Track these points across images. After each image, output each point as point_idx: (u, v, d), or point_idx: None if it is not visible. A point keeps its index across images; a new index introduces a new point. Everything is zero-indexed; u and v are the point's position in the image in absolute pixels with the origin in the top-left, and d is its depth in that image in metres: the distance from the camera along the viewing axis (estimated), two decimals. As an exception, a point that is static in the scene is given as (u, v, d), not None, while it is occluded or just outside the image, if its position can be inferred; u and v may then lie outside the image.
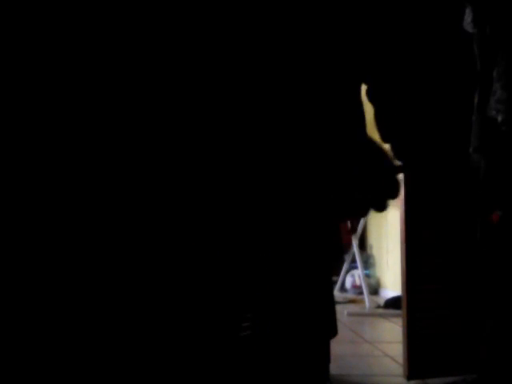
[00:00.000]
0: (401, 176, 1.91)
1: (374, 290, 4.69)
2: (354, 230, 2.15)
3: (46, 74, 0.81)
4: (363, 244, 5.24)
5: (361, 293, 4.20)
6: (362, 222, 4.18)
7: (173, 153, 0.82)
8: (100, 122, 0.83)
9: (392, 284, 4.35)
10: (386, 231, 4.48)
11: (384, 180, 0.85)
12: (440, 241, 1.88)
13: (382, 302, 3.94)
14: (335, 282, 4.36)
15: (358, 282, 4.50)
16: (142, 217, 0.79)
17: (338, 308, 2.34)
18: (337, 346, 2.20)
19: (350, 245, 4.19)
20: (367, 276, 4.56)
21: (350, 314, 3.44)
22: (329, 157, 0.85)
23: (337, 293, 4.32)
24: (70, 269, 0.86)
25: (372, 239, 5.20)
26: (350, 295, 4.47)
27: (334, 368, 1.87)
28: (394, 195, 0.84)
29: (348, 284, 4.61)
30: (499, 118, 1.66)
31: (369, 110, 0.94)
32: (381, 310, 3.67)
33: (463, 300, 1.87)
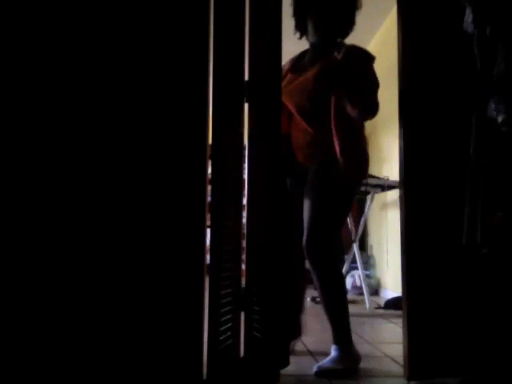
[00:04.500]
0: (400, 177, 1.91)
1: (375, 290, 4.69)
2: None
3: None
4: (363, 245, 5.24)
5: (361, 293, 4.20)
6: (361, 222, 4.18)
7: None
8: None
9: (392, 284, 4.35)
10: (386, 232, 4.48)
11: None
12: (440, 241, 1.87)
13: (382, 302, 3.94)
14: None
15: (358, 283, 4.50)
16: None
17: (339, 308, 2.33)
18: (337, 347, 2.19)
19: (350, 245, 4.19)
20: (367, 277, 4.56)
21: (351, 315, 3.43)
22: None
23: (337, 293, 4.31)
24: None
25: (372, 240, 5.20)
26: (351, 296, 4.47)
27: (335, 368, 1.87)
28: None
29: (348, 285, 4.61)
30: (499, 119, 1.66)
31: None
32: (381, 311, 3.66)
33: (463, 300, 1.87)
